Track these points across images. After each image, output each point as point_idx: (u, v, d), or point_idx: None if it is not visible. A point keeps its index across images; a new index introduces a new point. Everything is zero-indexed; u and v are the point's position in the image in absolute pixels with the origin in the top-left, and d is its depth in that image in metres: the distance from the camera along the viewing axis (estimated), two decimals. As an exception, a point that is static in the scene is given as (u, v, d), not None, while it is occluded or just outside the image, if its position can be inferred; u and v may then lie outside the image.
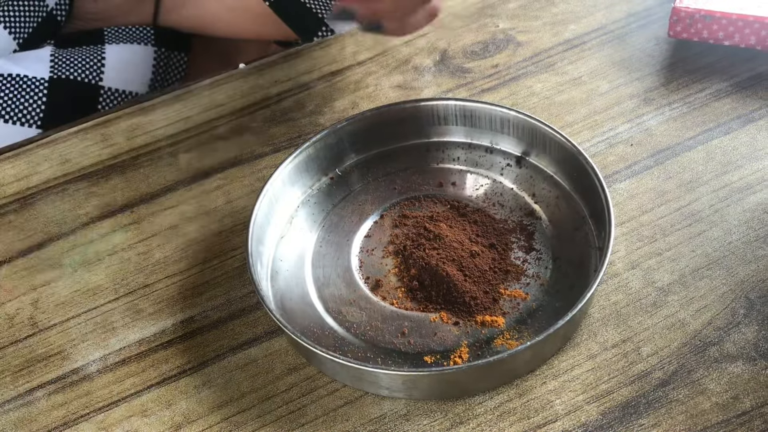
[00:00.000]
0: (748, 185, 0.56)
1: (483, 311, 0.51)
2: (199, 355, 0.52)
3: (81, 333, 0.54)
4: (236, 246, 0.57)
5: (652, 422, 0.46)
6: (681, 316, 0.50)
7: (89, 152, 0.65)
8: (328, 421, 0.48)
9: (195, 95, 0.68)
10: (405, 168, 0.60)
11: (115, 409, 0.50)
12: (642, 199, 0.56)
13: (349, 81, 0.67)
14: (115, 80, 0.78)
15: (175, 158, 0.63)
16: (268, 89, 0.68)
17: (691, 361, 0.48)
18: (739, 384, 0.47)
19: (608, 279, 0.52)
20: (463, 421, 0.47)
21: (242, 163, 0.63)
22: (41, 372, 0.52)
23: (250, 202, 0.59)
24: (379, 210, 0.58)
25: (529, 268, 0.53)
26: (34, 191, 0.63)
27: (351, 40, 0.70)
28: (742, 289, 0.51)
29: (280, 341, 0.52)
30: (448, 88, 0.65)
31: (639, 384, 0.47)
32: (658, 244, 0.54)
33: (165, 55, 0.81)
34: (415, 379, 0.47)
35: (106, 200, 0.62)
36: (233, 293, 0.55)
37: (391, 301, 0.52)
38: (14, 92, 0.75)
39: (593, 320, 0.50)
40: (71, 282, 0.57)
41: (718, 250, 0.53)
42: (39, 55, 0.77)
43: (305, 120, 0.65)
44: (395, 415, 0.48)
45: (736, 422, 0.45)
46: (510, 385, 0.48)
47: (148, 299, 0.55)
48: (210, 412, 0.49)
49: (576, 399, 0.47)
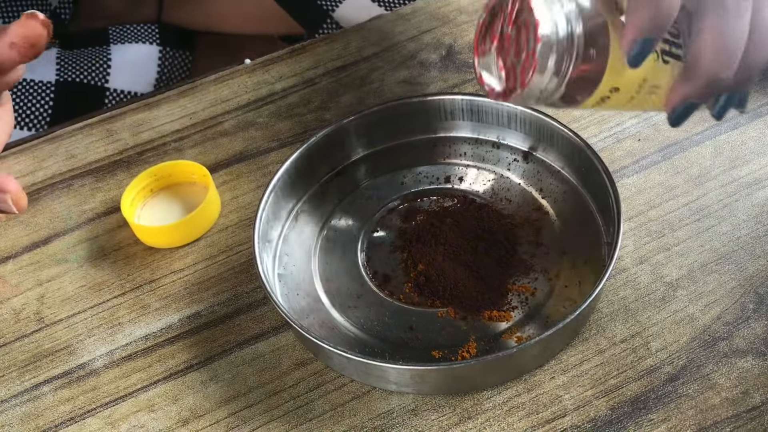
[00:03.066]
0: (757, 180, 0.56)
1: (491, 306, 0.51)
2: (206, 351, 0.52)
3: (87, 328, 0.54)
4: (243, 241, 0.57)
5: (661, 417, 0.46)
6: (690, 311, 0.50)
7: (95, 148, 0.65)
8: (335, 416, 0.48)
9: (200, 91, 0.68)
10: (412, 163, 0.60)
11: (121, 404, 0.50)
12: (650, 194, 0.56)
13: (354, 76, 0.67)
14: (121, 81, 0.78)
15: (180, 154, 0.63)
16: (274, 85, 0.67)
17: (701, 356, 0.48)
18: (749, 379, 0.47)
19: (617, 274, 0.52)
20: (472, 416, 0.47)
21: (248, 158, 0.62)
22: (47, 367, 0.52)
23: (256, 198, 0.59)
24: (385, 205, 0.57)
25: (536, 264, 0.53)
26: (40, 187, 0.63)
27: (356, 35, 0.70)
28: (752, 284, 0.51)
29: (287, 336, 0.52)
30: (454, 83, 0.65)
31: (648, 379, 0.47)
32: (667, 239, 0.53)
33: (170, 54, 0.81)
34: (423, 374, 0.47)
35: (111, 196, 0.61)
36: (240, 288, 0.55)
37: (399, 296, 0.52)
38: (21, 97, 0.75)
39: (602, 315, 0.50)
40: (77, 277, 0.57)
41: (727, 245, 0.53)
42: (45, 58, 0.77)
43: (311, 115, 0.65)
44: (403, 409, 0.48)
45: (746, 417, 0.45)
46: (518, 380, 0.48)
47: (154, 294, 0.55)
48: (217, 407, 0.49)
49: (585, 394, 0.47)
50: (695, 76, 0.42)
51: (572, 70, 0.42)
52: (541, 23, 0.41)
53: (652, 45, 0.41)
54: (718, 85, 0.42)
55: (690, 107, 0.43)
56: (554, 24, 0.41)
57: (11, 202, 0.54)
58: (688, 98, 0.43)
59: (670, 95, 0.44)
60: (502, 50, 0.45)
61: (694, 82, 0.42)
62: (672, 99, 0.44)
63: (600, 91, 0.43)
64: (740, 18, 0.41)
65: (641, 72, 0.43)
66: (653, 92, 0.44)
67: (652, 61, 0.43)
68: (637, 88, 0.44)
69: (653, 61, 0.43)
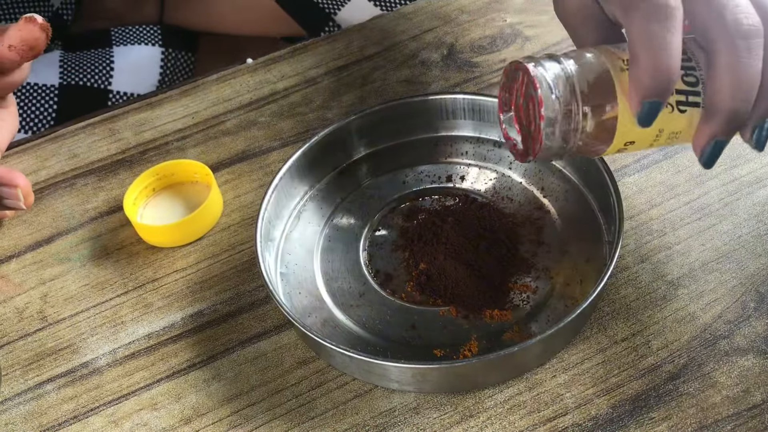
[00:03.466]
0: (758, 179, 0.56)
1: (492, 305, 0.51)
2: (209, 349, 0.52)
3: (90, 327, 0.54)
4: (245, 240, 0.57)
5: (662, 416, 0.46)
6: (691, 310, 0.50)
7: (97, 147, 0.65)
8: (337, 415, 0.48)
9: (202, 90, 0.68)
10: (413, 162, 0.60)
11: (125, 403, 0.50)
12: (651, 193, 0.56)
13: (356, 76, 0.67)
14: (124, 83, 0.78)
15: (183, 153, 0.63)
16: (276, 84, 0.68)
17: (702, 354, 0.48)
18: (750, 377, 0.47)
19: (618, 273, 0.52)
20: (473, 414, 0.47)
21: (250, 157, 0.63)
22: (51, 366, 0.52)
23: (259, 197, 0.60)
24: (387, 204, 0.58)
25: (538, 262, 0.53)
26: (43, 186, 0.63)
27: (358, 34, 0.70)
28: (753, 282, 0.51)
29: (290, 335, 0.52)
30: (455, 82, 0.65)
31: (649, 377, 0.47)
32: (668, 237, 0.53)
33: (172, 55, 0.81)
34: (425, 372, 0.47)
35: (114, 195, 0.62)
36: (242, 287, 0.55)
37: (400, 295, 0.52)
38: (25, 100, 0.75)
39: (603, 314, 0.50)
40: (80, 276, 0.57)
41: (728, 243, 0.53)
42: (48, 61, 0.77)
43: (313, 115, 0.65)
44: (405, 408, 0.48)
45: (747, 415, 0.45)
46: (520, 379, 0.48)
47: (157, 293, 0.55)
48: (219, 406, 0.49)
49: (586, 392, 0.47)
50: (716, 116, 0.42)
51: (580, 138, 0.42)
52: (544, 102, 0.42)
53: (659, 106, 0.41)
54: (740, 119, 0.42)
55: (719, 145, 0.42)
56: (557, 100, 0.41)
57: (21, 195, 0.55)
58: (713, 137, 0.42)
59: (695, 138, 0.43)
60: (518, 116, 0.45)
61: (716, 121, 0.42)
62: (698, 141, 0.43)
63: (614, 146, 0.43)
64: (751, 52, 0.41)
65: (656, 125, 0.42)
66: (674, 138, 0.44)
67: (666, 114, 0.42)
68: (654, 138, 0.43)
69: (668, 114, 0.42)
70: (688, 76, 0.42)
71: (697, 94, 0.42)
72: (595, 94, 0.42)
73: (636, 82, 0.41)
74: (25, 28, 0.52)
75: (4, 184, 0.56)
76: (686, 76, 0.42)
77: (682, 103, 0.42)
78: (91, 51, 0.79)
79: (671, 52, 0.40)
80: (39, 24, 0.52)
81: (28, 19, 0.52)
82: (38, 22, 0.52)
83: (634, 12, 0.41)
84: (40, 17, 0.52)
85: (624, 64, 0.42)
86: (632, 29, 0.41)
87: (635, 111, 0.41)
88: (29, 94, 0.75)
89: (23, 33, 0.52)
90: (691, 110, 0.43)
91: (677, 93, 0.42)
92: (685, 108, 0.42)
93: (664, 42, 0.40)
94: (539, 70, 0.42)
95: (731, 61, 0.41)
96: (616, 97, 0.42)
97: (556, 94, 0.42)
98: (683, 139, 0.44)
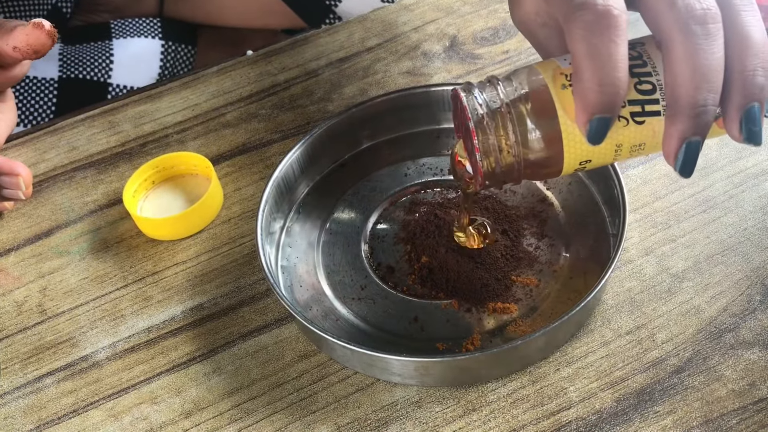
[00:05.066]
0: (763, 171, 0.55)
1: (495, 298, 0.50)
2: (209, 342, 0.51)
3: (90, 320, 0.54)
4: (245, 233, 0.57)
5: (667, 409, 0.45)
6: (696, 303, 0.49)
7: (96, 140, 0.65)
8: (339, 408, 0.47)
9: (202, 82, 0.67)
10: (415, 155, 0.59)
11: (125, 396, 0.50)
12: (655, 185, 0.56)
13: (357, 67, 0.67)
14: (124, 76, 0.77)
15: (183, 145, 0.63)
16: (276, 76, 0.67)
17: (707, 347, 0.47)
18: (756, 371, 0.46)
19: (622, 265, 0.52)
20: (476, 408, 0.47)
21: (250, 150, 0.62)
22: (50, 359, 0.52)
23: (259, 189, 0.59)
24: (389, 197, 0.57)
25: (541, 255, 0.52)
26: (42, 179, 0.62)
27: (359, 26, 0.70)
28: (758, 275, 0.50)
29: (291, 328, 0.52)
30: (458, 74, 0.65)
31: (654, 371, 0.47)
32: (672, 230, 0.53)
33: (172, 48, 0.81)
34: (428, 366, 0.47)
35: (113, 187, 0.61)
36: (243, 280, 0.54)
37: (402, 288, 0.52)
38: (25, 94, 0.74)
39: (607, 307, 0.50)
40: (79, 269, 0.56)
41: (733, 236, 0.52)
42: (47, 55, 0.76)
43: (314, 107, 0.64)
44: (407, 402, 0.47)
45: (753, 409, 0.45)
46: (523, 372, 0.48)
47: (156, 286, 0.55)
48: (220, 399, 0.49)
49: (590, 386, 0.47)
50: (680, 112, 0.38)
51: (524, 165, 0.41)
52: (475, 133, 0.40)
53: (608, 122, 0.37)
54: (708, 112, 0.38)
55: (692, 147, 0.38)
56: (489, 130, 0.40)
57: (23, 184, 0.56)
58: (683, 138, 0.38)
59: (664, 144, 0.39)
60: (465, 143, 0.44)
61: (682, 119, 0.38)
62: (668, 147, 0.38)
63: (568, 167, 0.41)
64: (708, 37, 0.37)
65: (611, 141, 0.39)
66: (639, 150, 0.41)
67: (621, 128, 0.39)
68: (614, 154, 0.40)
69: (622, 127, 0.39)
70: (642, 83, 0.39)
71: (656, 102, 0.39)
72: (533, 117, 0.40)
73: (581, 99, 0.37)
74: (33, 33, 0.52)
75: (5, 173, 0.56)
76: (640, 84, 0.39)
77: (637, 114, 0.39)
78: (90, 44, 0.79)
79: (616, 63, 0.37)
80: (47, 30, 0.52)
81: (36, 25, 0.52)
82: (46, 29, 0.52)
83: (573, 23, 0.37)
84: (48, 23, 0.52)
85: (566, 80, 0.39)
86: (572, 41, 0.37)
87: (583, 129, 0.38)
88: (29, 87, 0.75)
89: (30, 38, 0.52)
90: (650, 119, 0.39)
91: (631, 104, 0.39)
92: (643, 119, 0.39)
93: (607, 54, 0.37)
94: (471, 99, 0.40)
95: (688, 49, 0.37)
96: (557, 118, 0.39)
97: (487, 123, 0.40)
98: (651, 149, 0.41)
